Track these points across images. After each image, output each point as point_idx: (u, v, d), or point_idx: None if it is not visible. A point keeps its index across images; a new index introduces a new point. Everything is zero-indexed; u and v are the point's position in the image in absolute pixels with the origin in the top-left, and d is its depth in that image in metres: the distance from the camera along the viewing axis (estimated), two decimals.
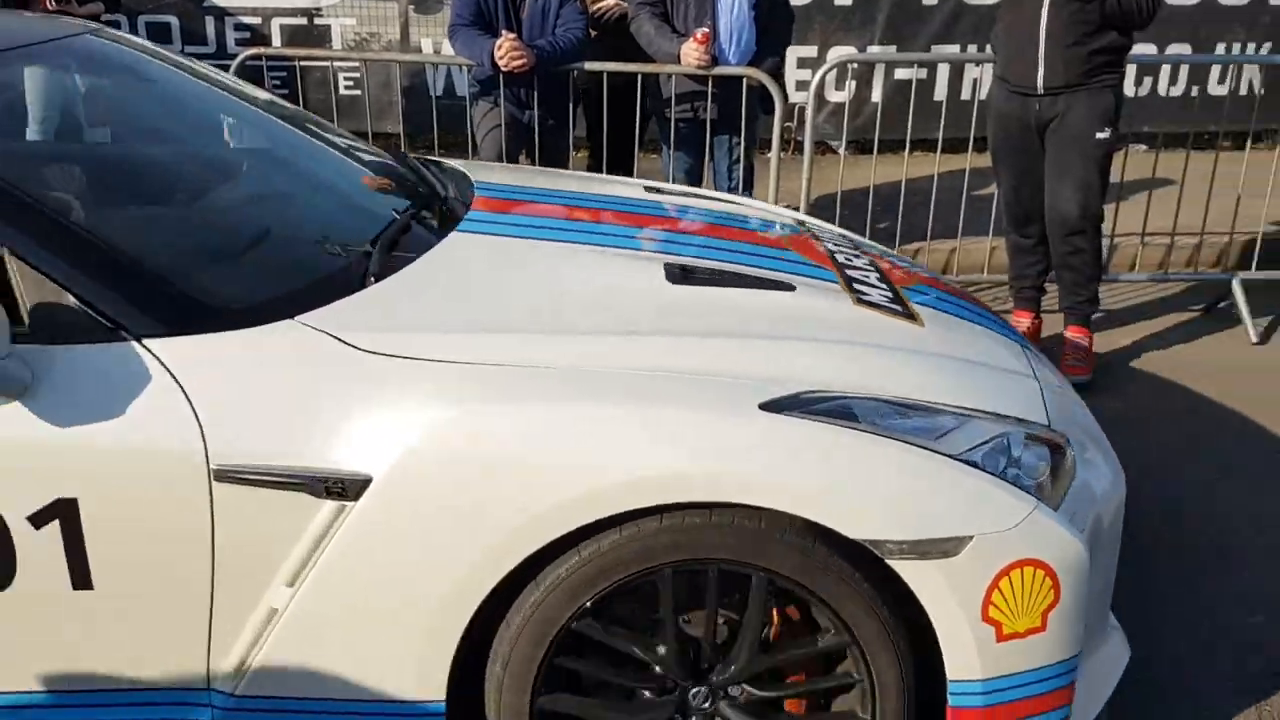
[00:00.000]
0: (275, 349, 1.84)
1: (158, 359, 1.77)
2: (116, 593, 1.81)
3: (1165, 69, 7.18)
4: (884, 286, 2.56)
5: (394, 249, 2.22)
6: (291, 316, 1.88)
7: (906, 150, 4.98)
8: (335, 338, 1.84)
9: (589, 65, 4.46)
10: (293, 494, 1.75)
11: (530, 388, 1.85)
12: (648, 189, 3.30)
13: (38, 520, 1.74)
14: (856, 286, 2.49)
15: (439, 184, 2.79)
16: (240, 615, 1.83)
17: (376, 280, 2.07)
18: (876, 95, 6.24)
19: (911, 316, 2.40)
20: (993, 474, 1.91)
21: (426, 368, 1.83)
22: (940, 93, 6.43)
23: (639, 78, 4.53)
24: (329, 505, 1.76)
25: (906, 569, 1.83)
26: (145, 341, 1.78)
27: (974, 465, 1.90)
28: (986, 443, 1.95)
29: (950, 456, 1.89)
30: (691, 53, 4.32)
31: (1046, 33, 3.91)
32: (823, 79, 4.89)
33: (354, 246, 2.23)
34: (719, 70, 4.39)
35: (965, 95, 6.28)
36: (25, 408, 1.72)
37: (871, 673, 1.93)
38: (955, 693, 1.91)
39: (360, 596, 1.81)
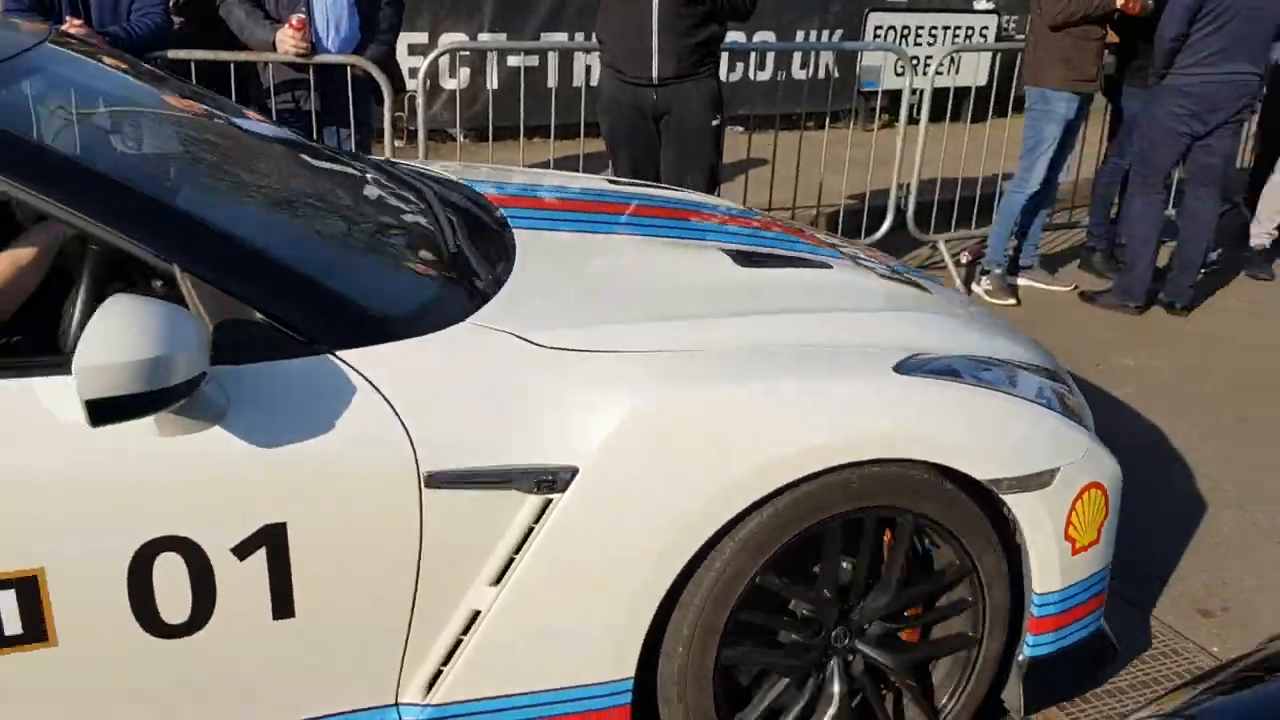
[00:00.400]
0: (465, 352, 1.83)
1: (356, 370, 1.71)
2: (317, 617, 1.74)
3: (754, 55, 7.75)
4: (877, 262, 2.75)
5: (484, 250, 2.23)
6: (464, 319, 1.87)
7: (521, 137, 5.01)
8: (519, 337, 1.86)
9: (172, 53, 4.09)
10: (502, 492, 1.76)
11: (709, 370, 1.93)
12: (611, 181, 3.28)
13: (243, 550, 1.64)
14: (863, 263, 2.66)
15: (435, 184, 2.65)
16: (439, 622, 1.82)
17: (498, 282, 2.07)
18: (492, 83, 6.23)
19: (921, 287, 2.61)
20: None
21: (611, 359, 1.89)
22: (552, 80, 6.54)
23: (231, 65, 4.21)
24: (536, 499, 1.78)
25: (1013, 501, 2.09)
26: (340, 353, 1.71)
27: (1043, 407, 2.17)
28: (1036, 388, 2.23)
29: (1030, 401, 2.16)
30: (287, 40, 4.07)
31: (659, 27, 4.04)
32: (434, 67, 4.80)
33: (453, 249, 2.21)
34: (319, 59, 4.18)
35: (577, 82, 6.42)
36: (224, 432, 1.61)
37: (985, 597, 2.16)
38: (1039, 604, 2.18)
39: (563, 586, 1.84)
